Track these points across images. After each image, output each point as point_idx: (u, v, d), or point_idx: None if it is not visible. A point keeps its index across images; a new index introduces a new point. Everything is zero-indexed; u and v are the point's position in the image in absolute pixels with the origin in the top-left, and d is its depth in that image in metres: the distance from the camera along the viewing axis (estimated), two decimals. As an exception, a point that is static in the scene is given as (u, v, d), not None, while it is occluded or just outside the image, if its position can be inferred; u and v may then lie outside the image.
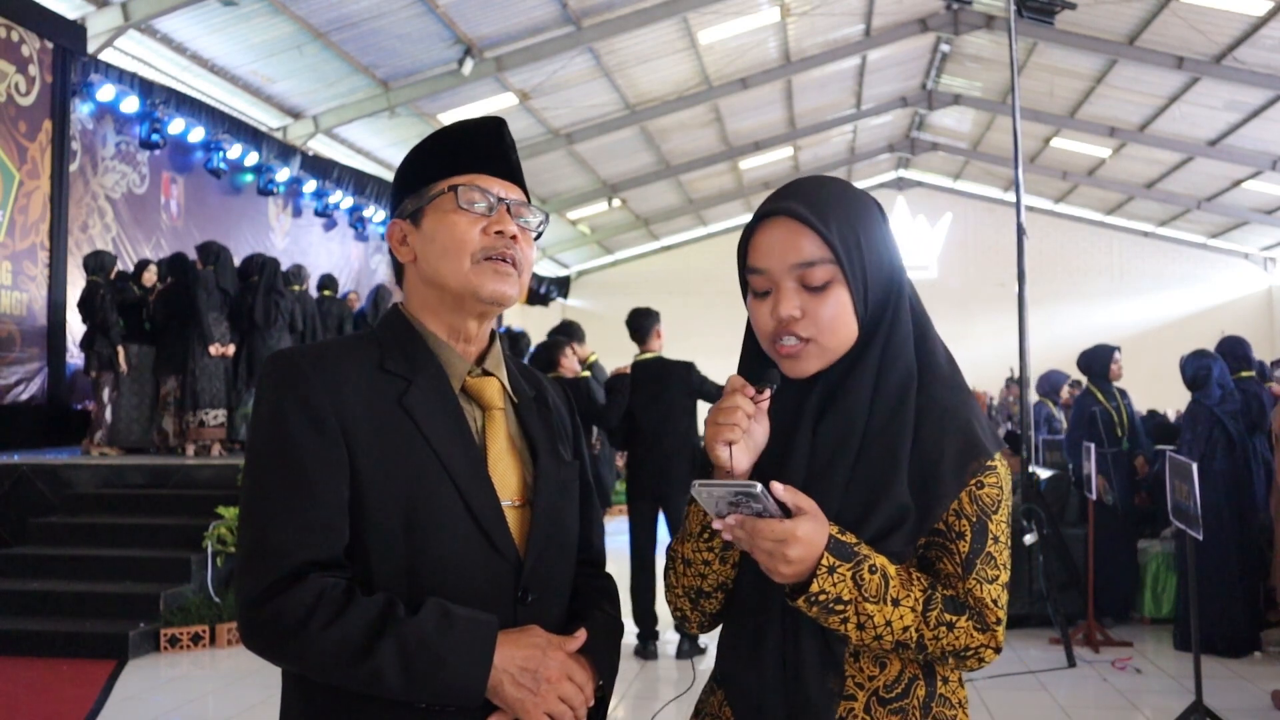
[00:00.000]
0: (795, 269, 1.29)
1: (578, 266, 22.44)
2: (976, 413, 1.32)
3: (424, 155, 1.41)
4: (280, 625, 1.21)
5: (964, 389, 1.34)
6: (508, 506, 1.34)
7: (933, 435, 1.27)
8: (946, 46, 14.86)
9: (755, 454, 1.30)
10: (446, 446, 1.31)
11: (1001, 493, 1.27)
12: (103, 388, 8.08)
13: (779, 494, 1.19)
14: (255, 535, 1.25)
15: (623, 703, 4.93)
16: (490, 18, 11.21)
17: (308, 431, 1.26)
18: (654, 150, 16.62)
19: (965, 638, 1.23)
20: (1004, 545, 1.28)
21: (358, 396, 1.29)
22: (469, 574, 1.30)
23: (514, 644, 1.27)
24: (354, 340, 1.38)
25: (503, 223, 1.36)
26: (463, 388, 1.38)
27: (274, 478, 1.27)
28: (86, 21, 9.29)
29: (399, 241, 1.41)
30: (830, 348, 1.30)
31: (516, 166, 1.44)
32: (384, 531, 1.27)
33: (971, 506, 1.26)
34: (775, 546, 1.18)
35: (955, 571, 1.25)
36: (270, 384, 1.31)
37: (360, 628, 1.20)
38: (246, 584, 1.24)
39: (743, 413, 1.27)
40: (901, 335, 1.32)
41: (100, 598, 5.97)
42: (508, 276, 1.36)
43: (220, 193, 11.70)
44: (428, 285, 1.38)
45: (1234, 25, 11.54)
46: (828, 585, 1.18)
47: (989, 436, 1.30)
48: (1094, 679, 4.98)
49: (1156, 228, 20.47)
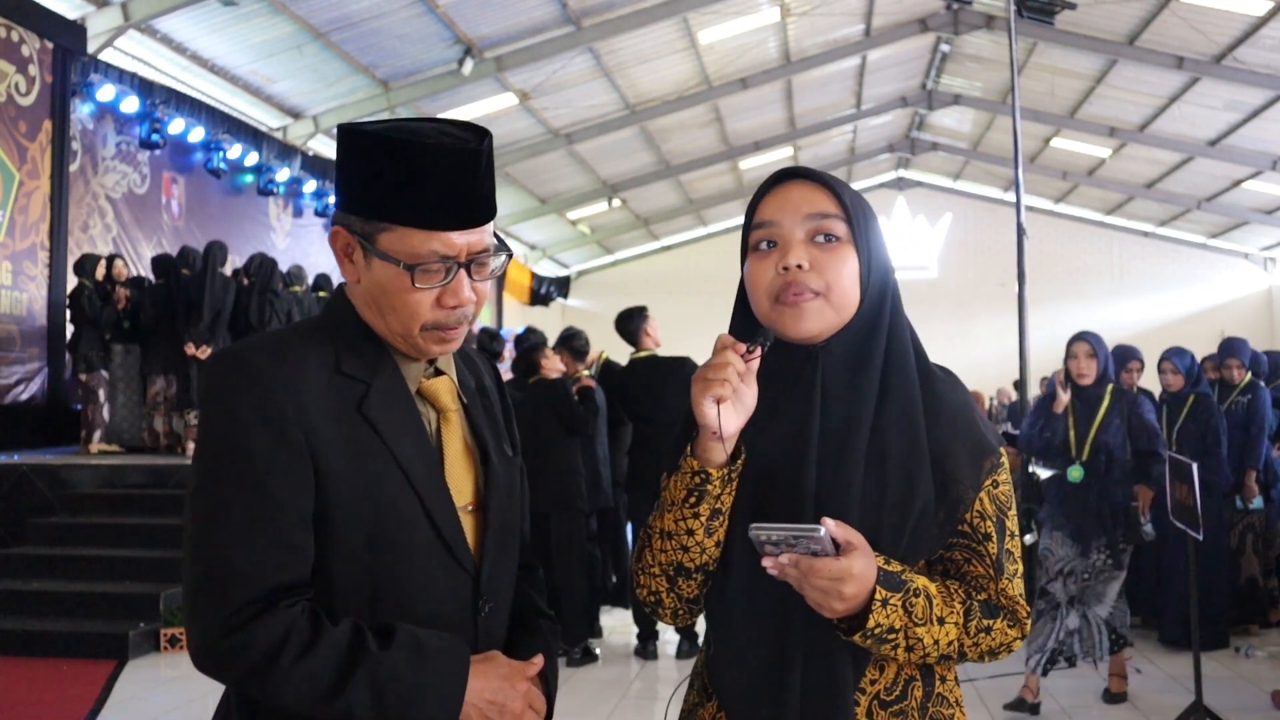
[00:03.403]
0: (809, 219, 1.27)
1: (578, 266, 22.44)
2: (979, 411, 1.33)
3: (387, 168, 1.22)
4: (247, 658, 1.15)
5: (964, 387, 1.35)
6: (462, 511, 1.31)
7: (944, 435, 1.27)
8: (946, 46, 14.85)
9: (744, 417, 1.25)
10: (408, 455, 1.26)
11: (1010, 487, 1.31)
12: (97, 388, 8.08)
13: (831, 529, 1.17)
14: (216, 556, 1.18)
15: (622, 703, 4.93)
16: (490, 18, 11.21)
17: (270, 442, 1.18)
18: (654, 150, 16.62)
19: (1000, 636, 1.27)
20: (1015, 536, 1.31)
21: (317, 402, 1.22)
22: (431, 587, 1.27)
23: (483, 676, 1.25)
24: (306, 335, 1.28)
25: (458, 294, 1.25)
26: (418, 390, 1.32)
27: (235, 493, 1.18)
28: (86, 21, 9.29)
29: (344, 253, 1.28)
30: (835, 306, 1.27)
31: (487, 200, 1.27)
32: (347, 543, 1.23)
33: (992, 506, 1.28)
34: (831, 585, 1.16)
35: (987, 573, 1.27)
36: (223, 387, 1.22)
37: (331, 663, 1.16)
38: (206, 609, 1.17)
39: (732, 368, 1.21)
40: (904, 330, 1.31)
41: (100, 598, 5.97)
42: (452, 341, 1.29)
43: (220, 193, 11.71)
44: (375, 314, 1.29)
45: (1234, 25, 11.54)
46: (882, 618, 1.18)
47: (992, 433, 1.32)
48: (1094, 679, 4.98)
49: (1156, 228, 20.46)
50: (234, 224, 11.78)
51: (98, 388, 8.10)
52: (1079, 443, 4.56)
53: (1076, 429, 4.57)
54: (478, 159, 1.24)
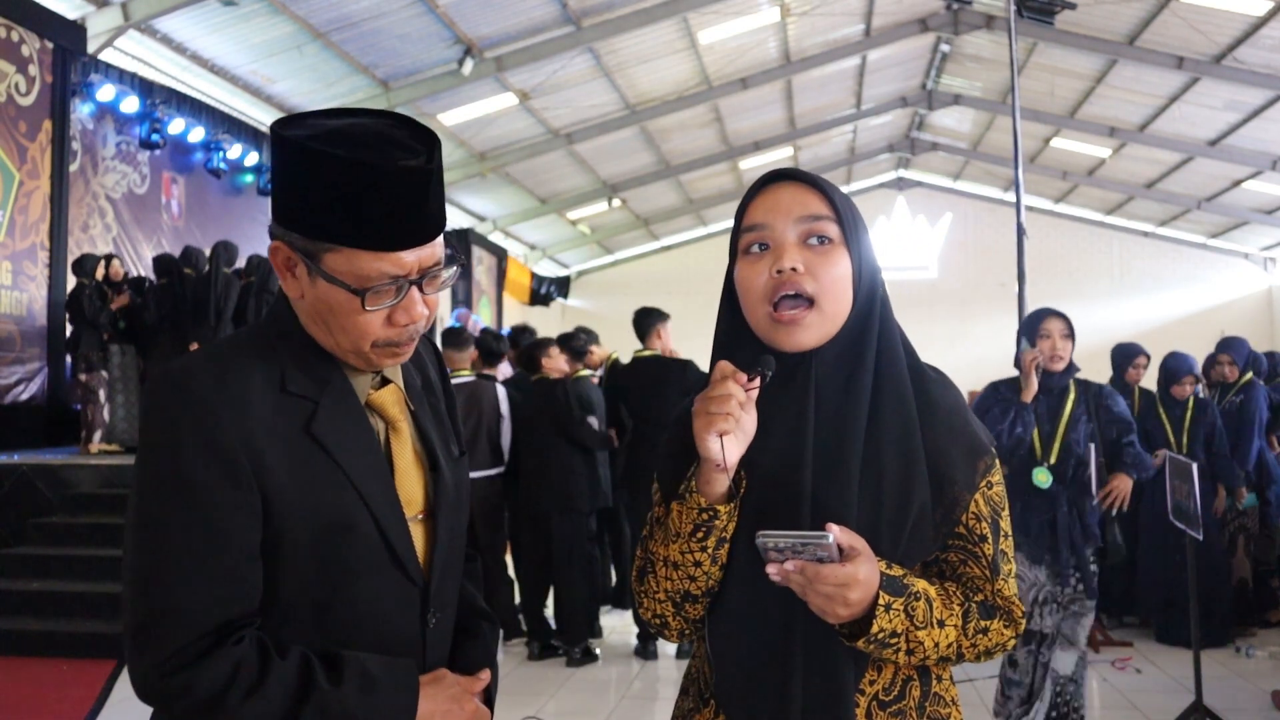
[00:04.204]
0: (801, 221, 1.26)
1: (578, 266, 22.44)
2: (970, 410, 1.34)
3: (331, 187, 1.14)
4: (192, 698, 1.12)
5: (955, 388, 1.35)
6: (413, 521, 1.29)
7: (939, 435, 1.26)
8: (946, 46, 14.85)
9: (745, 445, 1.24)
10: (360, 473, 1.22)
11: (1004, 487, 1.31)
12: (97, 388, 8.08)
13: (836, 535, 1.16)
14: (160, 593, 1.13)
15: (622, 703, 4.93)
16: (490, 18, 11.21)
17: (215, 474, 1.13)
18: (654, 150, 16.62)
19: (996, 636, 1.27)
20: (1009, 536, 1.32)
21: (263, 425, 1.17)
22: (380, 605, 1.26)
23: (431, 699, 1.25)
24: (250, 351, 1.22)
25: (410, 311, 1.21)
26: (367, 401, 1.28)
27: (179, 525, 1.14)
28: (86, 21, 9.29)
29: (285, 268, 1.22)
30: (830, 314, 1.26)
31: (439, 214, 1.21)
32: (296, 567, 1.20)
33: (987, 507, 1.28)
34: (836, 591, 1.16)
35: (984, 574, 1.27)
36: (164, 410, 1.16)
37: (279, 700, 1.14)
38: (151, 647, 1.13)
39: (735, 401, 1.20)
40: (894, 332, 1.30)
41: (100, 598, 5.96)
42: (403, 355, 1.26)
43: (220, 193, 11.70)
44: (322, 330, 1.23)
45: (1234, 25, 11.54)
46: (885, 623, 1.19)
47: (985, 433, 1.32)
48: (1094, 679, 4.98)
49: (1156, 228, 20.46)
50: (234, 224, 11.77)
51: (98, 388, 8.10)
52: (1045, 442, 3.88)
53: (1040, 426, 3.88)
54: (426, 177, 1.17)
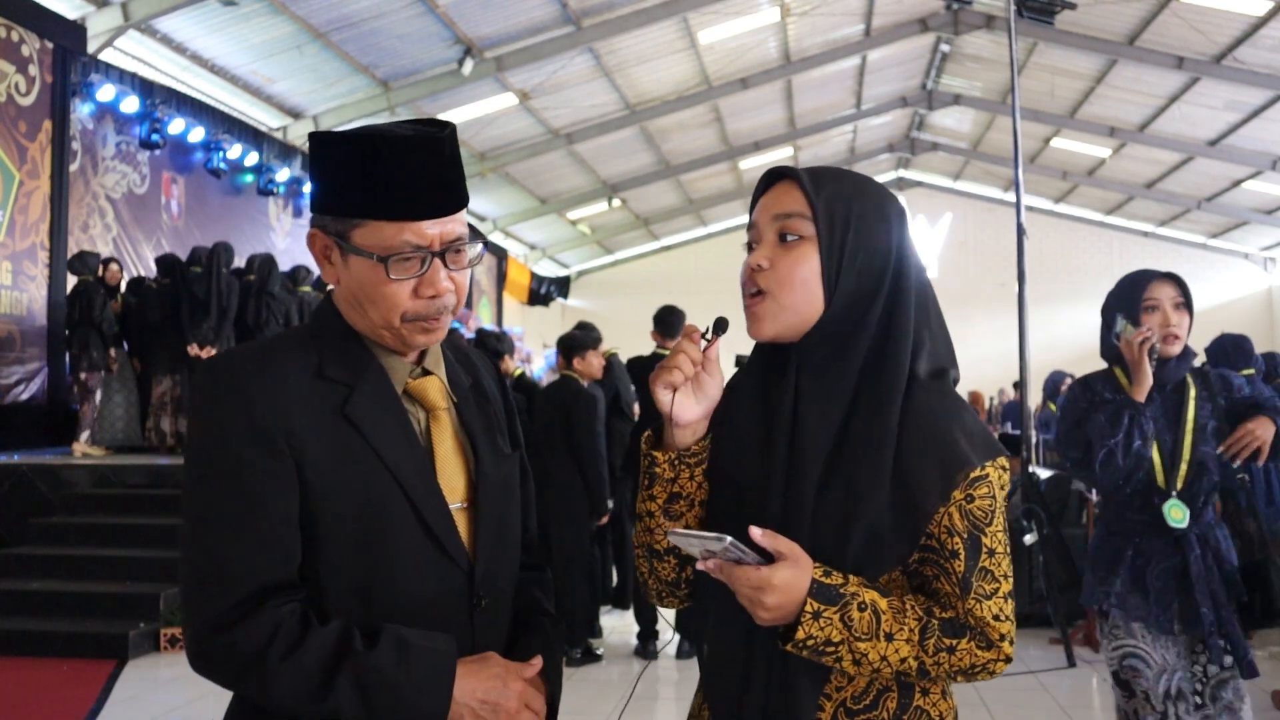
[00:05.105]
0: (775, 220, 1.29)
1: (578, 266, 22.45)
2: (965, 422, 1.25)
3: (355, 165, 1.24)
4: (235, 657, 1.18)
5: (952, 396, 1.28)
6: (456, 509, 1.32)
7: (914, 447, 1.22)
8: (946, 46, 14.86)
9: (707, 406, 1.31)
10: (394, 455, 1.27)
11: (994, 503, 1.22)
12: (94, 389, 8.07)
13: (756, 538, 1.18)
14: (205, 558, 1.21)
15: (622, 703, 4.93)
16: (490, 18, 11.21)
17: (254, 447, 1.21)
18: (654, 150, 16.62)
19: (969, 658, 1.21)
20: (1002, 555, 1.23)
21: (300, 407, 1.24)
22: (423, 584, 1.28)
23: (474, 675, 1.25)
24: (291, 342, 1.31)
25: (435, 284, 1.27)
26: (405, 389, 1.33)
27: (221, 496, 1.21)
28: (86, 21, 9.29)
29: (322, 255, 1.31)
30: (785, 306, 1.27)
31: (458, 188, 1.28)
32: (336, 545, 1.24)
33: (963, 522, 1.22)
34: (753, 594, 1.17)
35: (954, 591, 1.21)
36: (209, 395, 1.25)
37: (317, 662, 1.18)
38: (197, 610, 1.20)
39: (685, 357, 1.27)
40: (898, 336, 1.27)
41: (100, 598, 5.97)
42: (435, 331, 1.31)
43: (220, 193, 11.70)
44: (357, 311, 1.31)
45: (1234, 25, 11.55)
46: (814, 630, 1.17)
47: (979, 445, 1.24)
48: (1094, 679, 4.98)
49: (1156, 228, 20.47)
50: (234, 224, 11.77)
51: (95, 387, 8.09)
52: (1168, 460, 2.67)
53: (1159, 437, 2.68)
54: (440, 145, 1.26)
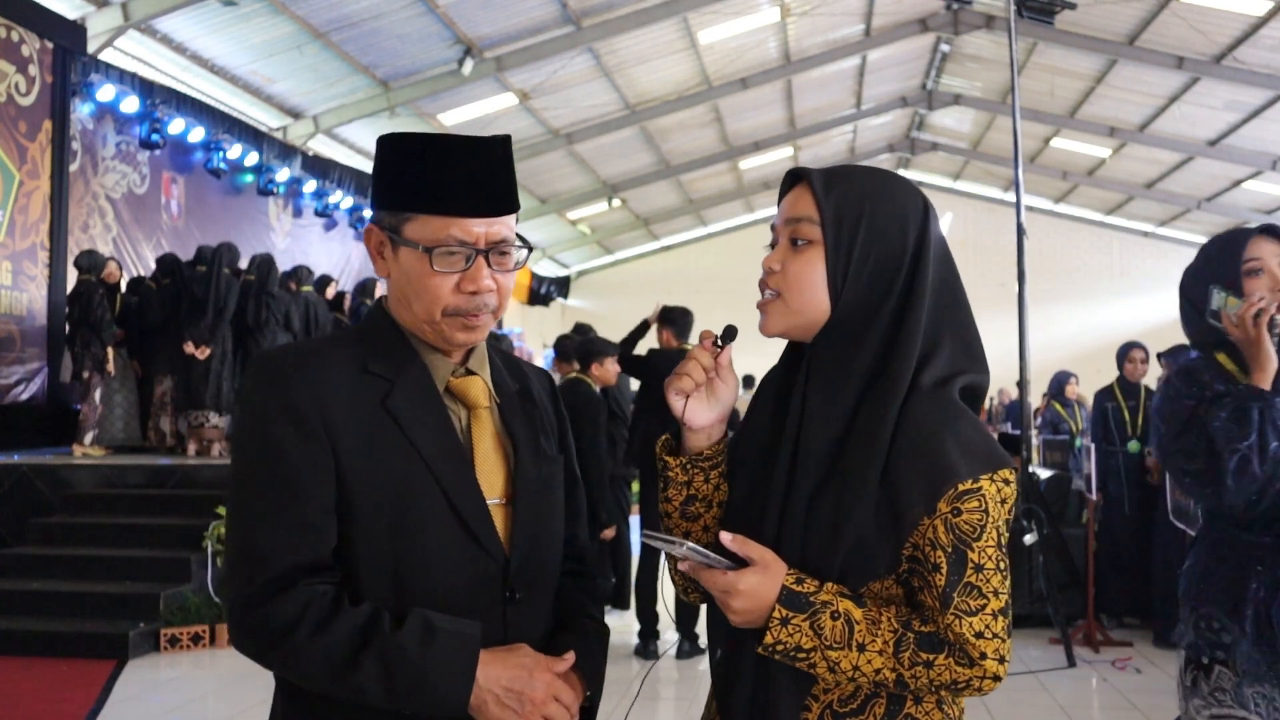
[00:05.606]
0: (788, 224, 1.31)
1: (578, 266, 22.45)
2: (961, 432, 1.21)
3: (412, 163, 1.32)
4: (267, 631, 1.23)
5: (952, 405, 1.24)
6: (494, 505, 1.35)
7: (904, 456, 1.20)
8: (946, 46, 14.85)
9: (721, 410, 1.34)
10: (431, 448, 1.31)
11: (985, 517, 1.18)
12: (95, 388, 8.06)
13: (727, 543, 1.20)
14: (242, 538, 1.27)
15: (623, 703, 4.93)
16: (490, 18, 11.21)
17: (292, 434, 1.26)
18: (654, 150, 16.62)
19: (948, 673, 1.17)
20: (992, 571, 1.19)
21: (341, 398, 1.29)
22: (456, 574, 1.31)
23: (500, 663, 1.26)
24: (338, 340, 1.38)
25: (476, 281, 1.31)
26: (447, 388, 1.37)
27: (259, 480, 1.27)
28: (86, 21, 9.29)
29: (377, 251, 1.38)
30: (792, 309, 1.28)
31: (507, 192, 1.34)
32: (370, 533, 1.28)
33: (947, 536, 1.18)
34: (722, 596, 1.20)
35: (935, 605, 1.19)
36: (254, 386, 1.32)
37: (344, 640, 1.22)
38: (234, 587, 1.26)
39: (697, 364, 1.30)
40: (903, 341, 1.24)
41: (100, 598, 5.97)
42: (477, 329, 1.35)
43: (220, 193, 11.70)
44: (404, 306, 1.36)
45: (1234, 25, 11.54)
46: (783, 636, 1.17)
47: (975, 457, 1.20)
48: (1094, 679, 4.98)
49: (1156, 228, 20.46)
50: (234, 224, 11.76)
51: (96, 387, 8.08)
52: None
53: None
54: (493, 148, 1.33)
